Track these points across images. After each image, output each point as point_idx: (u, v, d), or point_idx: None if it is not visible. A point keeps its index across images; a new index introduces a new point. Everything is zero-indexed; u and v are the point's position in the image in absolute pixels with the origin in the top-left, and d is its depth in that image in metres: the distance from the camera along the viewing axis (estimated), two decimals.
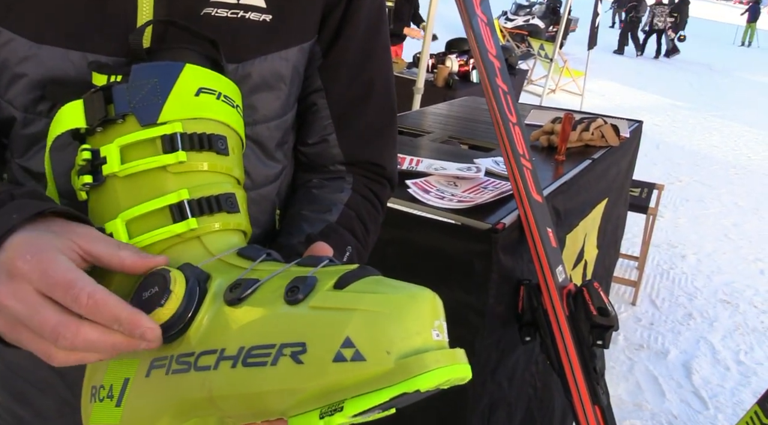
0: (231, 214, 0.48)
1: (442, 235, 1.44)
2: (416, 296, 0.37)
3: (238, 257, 0.45)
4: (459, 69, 4.97)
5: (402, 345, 0.35)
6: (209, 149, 0.48)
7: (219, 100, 0.50)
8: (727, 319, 3.26)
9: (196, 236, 0.47)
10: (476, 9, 1.40)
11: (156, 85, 0.48)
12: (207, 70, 0.51)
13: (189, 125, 0.48)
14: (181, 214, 0.46)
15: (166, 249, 0.47)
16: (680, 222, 4.60)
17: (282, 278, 0.41)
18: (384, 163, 0.71)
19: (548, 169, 1.88)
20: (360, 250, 0.65)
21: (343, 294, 0.38)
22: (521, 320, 1.52)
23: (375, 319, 0.36)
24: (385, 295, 0.37)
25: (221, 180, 0.49)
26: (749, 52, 20.17)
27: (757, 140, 7.81)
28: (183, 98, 0.48)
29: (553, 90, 8.41)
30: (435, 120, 2.53)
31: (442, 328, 0.38)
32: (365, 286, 0.38)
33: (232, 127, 0.51)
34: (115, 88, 0.48)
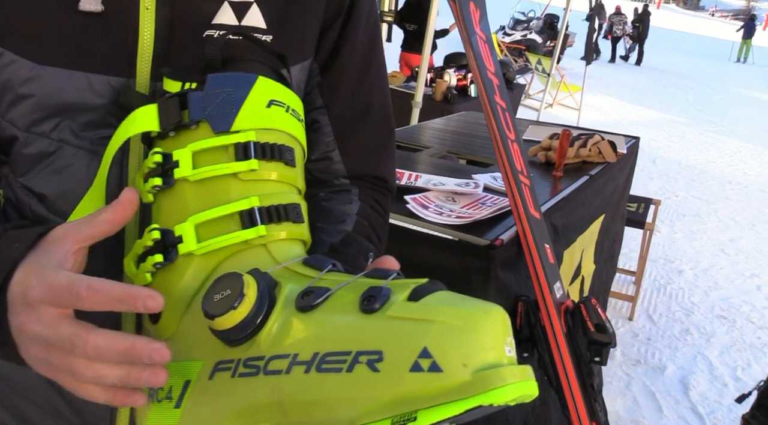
0: (296, 224, 0.49)
1: (440, 251, 1.44)
2: (490, 311, 0.38)
3: (303, 266, 0.46)
4: (457, 83, 5.00)
5: (478, 358, 0.36)
6: (279, 159, 0.49)
7: (287, 113, 0.51)
8: (724, 335, 3.26)
9: (262, 244, 0.48)
10: (475, 27, 1.41)
11: (230, 95, 0.49)
12: (277, 83, 0.52)
13: (261, 134, 0.50)
14: (251, 221, 0.47)
15: (232, 255, 0.47)
16: (677, 237, 4.61)
17: (353, 288, 0.41)
18: (385, 176, 0.73)
19: (546, 185, 1.89)
20: (378, 256, 0.67)
21: (419, 306, 0.38)
22: (519, 336, 1.52)
23: (452, 331, 0.36)
24: (460, 309, 0.37)
25: (288, 190, 0.51)
26: (744, 68, 20.35)
27: (753, 155, 7.86)
28: (256, 109, 0.50)
29: (550, 104, 8.46)
30: (433, 135, 2.54)
31: (512, 344, 0.38)
32: (439, 299, 0.39)
33: (298, 139, 0.52)
34: (191, 95, 0.50)
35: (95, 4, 0.53)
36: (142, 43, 0.55)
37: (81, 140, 0.56)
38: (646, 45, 16.25)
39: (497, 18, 11.82)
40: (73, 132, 0.55)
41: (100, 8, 0.53)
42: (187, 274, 0.47)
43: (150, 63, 0.55)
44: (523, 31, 11.69)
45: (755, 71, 19.27)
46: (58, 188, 0.57)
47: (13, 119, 0.55)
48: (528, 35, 11.57)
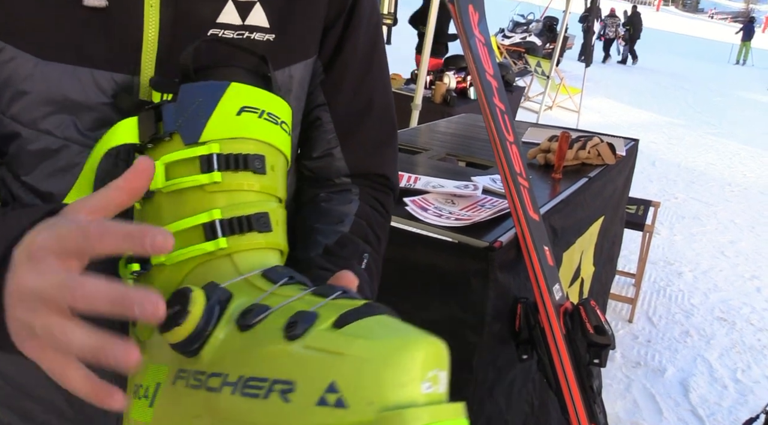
0: (262, 233, 0.49)
1: (440, 253, 1.44)
2: (410, 343, 0.36)
3: (262, 279, 0.46)
4: (456, 86, 5.01)
5: (386, 396, 0.35)
6: (245, 168, 0.50)
7: (261, 119, 0.51)
8: (724, 337, 3.26)
9: (227, 255, 0.48)
10: (474, 30, 1.42)
11: (201, 105, 0.50)
12: (252, 87, 0.52)
13: (227, 145, 0.50)
14: (212, 233, 0.48)
15: (199, 265, 0.48)
16: (676, 239, 4.61)
17: (285, 311, 0.41)
18: (388, 173, 0.73)
19: (545, 187, 1.89)
20: (375, 257, 0.67)
21: (336, 336, 0.37)
22: (518, 338, 1.52)
23: (363, 366, 0.35)
24: (378, 341, 0.36)
25: (257, 199, 0.50)
26: (744, 70, 20.38)
27: (752, 157, 7.87)
28: (225, 118, 0.50)
29: (549, 107, 8.47)
30: (432, 137, 2.55)
31: (436, 379, 0.36)
32: (362, 328, 0.37)
33: (273, 145, 0.52)
34: (165, 107, 0.50)
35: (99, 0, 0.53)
36: (146, 41, 0.55)
37: (86, 138, 0.56)
38: (647, 47, 16.36)
39: (496, 20, 11.83)
40: (78, 130, 0.55)
41: (104, 3, 0.53)
42: (157, 283, 0.48)
43: (154, 60, 0.56)
44: (523, 33, 11.70)
45: (754, 73, 19.29)
46: (64, 187, 0.57)
47: (16, 115, 0.55)
48: (527, 38, 11.58)
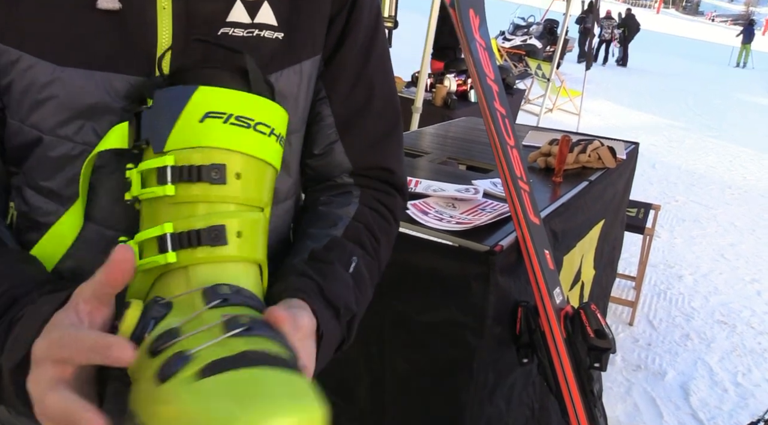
0: (215, 247, 0.48)
1: (440, 256, 1.45)
2: (240, 411, 0.34)
3: (200, 297, 0.45)
4: (457, 89, 5.01)
5: None
6: (199, 180, 0.49)
7: (226, 124, 0.50)
8: (725, 340, 3.26)
9: (183, 267, 0.48)
10: (475, 34, 1.42)
11: (168, 112, 0.49)
12: (222, 90, 0.51)
13: (185, 155, 0.49)
14: (163, 246, 0.48)
15: (161, 275, 0.49)
16: (677, 242, 4.61)
17: (190, 342, 0.40)
18: (392, 166, 0.71)
19: (546, 190, 1.89)
20: (370, 262, 0.65)
21: (185, 391, 0.36)
22: (519, 341, 1.52)
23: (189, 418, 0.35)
24: (216, 405, 0.35)
25: (216, 211, 0.49)
26: (744, 72, 20.39)
27: (752, 160, 7.86)
28: (188, 125, 0.49)
29: (550, 109, 8.48)
30: (433, 141, 2.55)
31: None
32: (220, 383, 0.36)
33: (240, 151, 0.50)
34: (143, 113, 0.51)
35: (113, 2, 0.54)
36: (161, 42, 0.56)
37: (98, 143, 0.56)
38: (647, 50, 16.41)
39: (497, 23, 11.84)
40: (97, 134, 0.56)
41: (117, 6, 0.54)
42: (132, 289, 0.50)
43: (169, 62, 0.56)
44: (523, 36, 11.71)
45: (755, 76, 19.30)
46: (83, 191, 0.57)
47: (36, 123, 0.56)
48: (528, 40, 11.58)
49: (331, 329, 0.56)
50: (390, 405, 1.62)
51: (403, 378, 1.58)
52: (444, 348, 1.48)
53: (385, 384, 1.61)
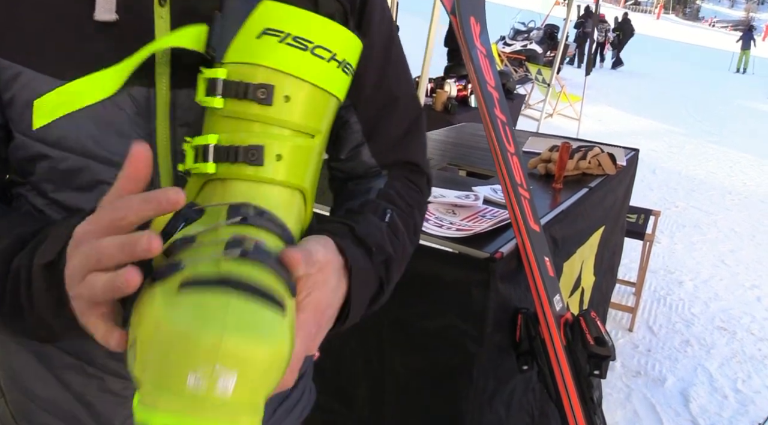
0: (251, 166, 0.49)
1: (441, 263, 1.45)
2: (192, 337, 0.36)
3: (225, 212, 0.46)
4: (457, 94, 5.02)
5: (152, 373, 0.36)
6: (245, 97, 0.49)
7: (282, 44, 0.49)
8: (725, 346, 3.26)
9: (221, 180, 0.49)
10: (476, 41, 1.42)
11: (232, 22, 0.50)
12: (285, 6, 0.50)
13: (237, 70, 0.49)
14: (205, 156, 0.49)
15: (207, 182, 0.50)
16: (677, 248, 4.61)
17: (192, 252, 0.41)
18: (417, 160, 0.73)
19: (546, 197, 1.90)
20: (404, 216, 0.66)
21: (161, 296, 0.38)
22: (519, 348, 1.52)
23: (152, 340, 0.37)
24: (179, 323, 0.36)
25: (257, 130, 0.49)
26: (744, 78, 20.42)
27: (752, 165, 7.87)
28: (246, 39, 0.49)
29: (550, 114, 8.48)
30: (433, 146, 2.55)
31: (210, 376, 0.35)
32: (190, 300, 0.37)
33: (290, 73, 0.49)
34: (215, 18, 0.50)
35: (109, 14, 0.54)
36: (159, 53, 0.56)
37: (108, 154, 0.57)
38: (648, 55, 16.49)
39: (498, 28, 11.87)
40: (99, 146, 0.56)
41: (114, 17, 0.54)
42: (186, 190, 0.51)
43: (168, 72, 0.56)
44: (524, 41, 11.74)
45: (755, 82, 19.33)
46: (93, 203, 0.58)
47: (42, 137, 0.56)
48: (528, 45, 11.61)
49: (363, 265, 0.55)
50: (389, 411, 1.62)
51: (403, 383, 1.58)
52: (444, 354, 1.48)
53: (385, 390, 1.61)
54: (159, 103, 0.57)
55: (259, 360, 0.37)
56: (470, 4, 1.41)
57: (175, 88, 0.57)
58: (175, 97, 0.57)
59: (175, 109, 0.57)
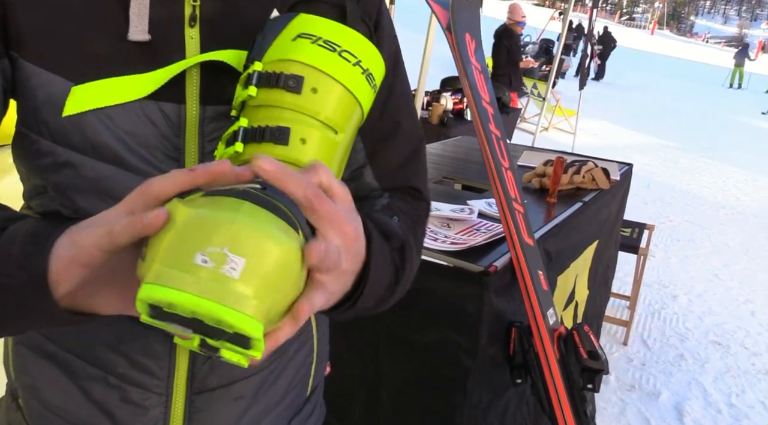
0: (277, 145, 0.52)
1: (435, 276, 1.46)
2: (206, 218, 0.38)
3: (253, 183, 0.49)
4: (453, 107, 5.05)
5: (160, 258, 0.38)
6: (277, 86, 0.53)
7: (314, 45, 0.54)
8: (719, 361, 3.27)
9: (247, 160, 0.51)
10: (471, 58, 1.45)
11: (271, 33, 0.56)
12: (318, 18, 0.56)
13: (272, 65, 0.54)
14: (234, 138, 0.53)
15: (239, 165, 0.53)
16: (671, 262, 4.63)
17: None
18: (418, 186, 0.74)
19: (540, 211, 1.91)
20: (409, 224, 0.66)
21: (184, 200, 0.41)
22: (512, 362, 1.53)
23: (167, 230, 0.39)
24: (195, 210, 0.39)
25: (288, 117, 0.53)
26: (737, 94, 20.61)
27: (746, 180, 7.92)
28: (282, 43, 0.55)
29: (546, 128, 8.54)
30: (429, 160, 2.56)
31: (219, 257, 0.37)
32: (210, 201, 0.40)
33: (319, 68, 0.54)
34: (257, 39, 0.57)
35: (143, 35, 0.57)
36: (189, 71, 0.58)
37: (137, 166, 0.58)
38: (642, 70, 16.66)
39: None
40: (129, 158, 0.58)
41: (147, 38, 0.57)
42: None
43: (198, 90, 0.59)
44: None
45: (748, 97, 19.51)
46: None
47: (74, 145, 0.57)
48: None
49: (380, 244, 0.55)
50: (385, 424, 1.62)
51: (398, 396, 1.58)
52: (438, 367, 1.48)
53: (380, 402, 1.61)
54: (188, 119, 0.59)
55: (266, 255, 0.38)
56: (466, 20, 1.43)
57: (205, 105, 0.59)
58: (204, 114, 0.59)
59: (204, 125, 0.59)
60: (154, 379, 0.63)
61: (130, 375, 0.64)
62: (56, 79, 0.56)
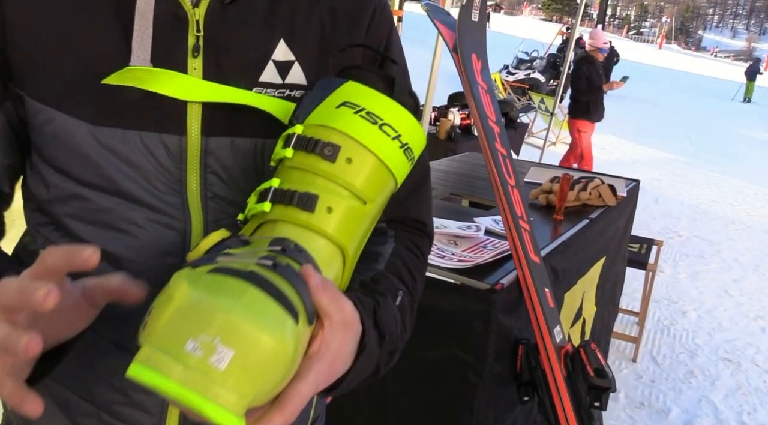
0: (303, 211, 0.52)
1: (442, 294, 1.46)
2: (203, 305, 0.39)
3: (268, 242, 0.50)
4: (461, 122, 5.08)
5: (157, 335, 0.39)
6: (313, 152, 0.53)
7: (356, 115, 0.54)
8: (729, 378, 3.23)
9: (273, 220, 0.53)
10: (477, 77, 1.47)
11: (318, 95, 0.56)
12: (365, 88, 0.56)
13: (311, 129, 0.54)
14: (264, 197, 0.53)
15: (262, 223, 0.54)
16: (680, 277, 4.60)
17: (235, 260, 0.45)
18: (423, 218, 0.74)
19: (547, 228, 1.92)
20: (409, 297, 0.67)
21: (188, 274, 0.42)
22: (519, 379, 1.53)
23: (167, 306, 0.40)
24: (196, 292, 0.40)
25: (318, 183, 0.53)
26: (746, 108, 20.53)
27: (756, 195, 7.87)
28: (326, 108, 0.55)
29: (553, 143, 8.55)
30: (436, 176, 2.59)
31: (209, 347, 0.37)
32: (214, 281, 0.41)
33: (357, 140, 0.54)
34: (305, 94, 0.58)
35: (144, 63, 0.56)
36: (191, 102, 0.58)
37: (139, 197, 0.59)
38: (650, 84, 16.61)
39: (501, 58, 12.02)
40: (129, 189, 0.58)
41: (149, 66, 0.56)
42: (244, 229, 0.55)
43: (200, 121, 0.58)
44: (527, 70, 11.87)
45: (757, 111, 19.43)
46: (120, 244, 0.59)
47: (78, 177, 0.58)
48: (531, 74, 11.74)
49: (373, 348, 0.56)
50: None
51: (404, 414, 1.58)
52: (445, 385, 1.48)
53: (386, 421, 1.61)
54: (190, 151, 0.59)
55: (256, 348, 0.38)
56: (472, 41, 1.46)
57: (207, 136, 0.59)
58: (207, 145, 0.59)
59: (206, 156, 0.59)
60: (148, 416, 0.63)
61: (124, 412, 0.64)
62: (60, 115, 0.57)
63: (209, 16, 0.58)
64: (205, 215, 0.60)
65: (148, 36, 0.56)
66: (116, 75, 0.56)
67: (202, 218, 0.60)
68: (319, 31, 0.63)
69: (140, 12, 0.56)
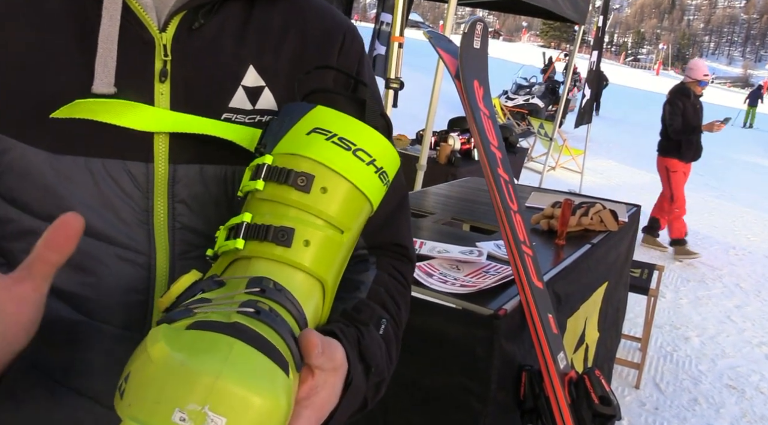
0: (279, 246, 0.50)
1: (444, 319, 1.45)
2: (188, 369, 0.36)
3: (245, 283, 0.47)
4: (461, 147, 5.10)
5: (138, 406, 0.36)
6: (286, 183, 0.51)
7: (328, 141, 0.52)
8: (734, 405, 3.20)
9: (247, 257, 0.51)
10: (479, 104, 1.48)
11: (286, 121, 0.54)
12: (335, 112, 0.54)
13: (283, 159, 0.52)
14: (236, 233, 0.51)
15: (235, 260, 0.52)
16: (682, 303, 4.58)
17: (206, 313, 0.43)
18: (404, 242, 0.72)
19: (549, 253, 1.91)
20: (394, 325, 0.65)
21: (166, 333, 0.39)
22: (523, 406, 1.51)
23: (146, 369, 0.37)
24: (178, 354, 0.37)
25: (291, 215, 0.51)
26: (745, 133, 20.66)
27: (756, 221, 7.88)
28: (296, 135, 0.53)
29: (553, 167, 8.58)
30: (437, 201, 2.59)
31: (198, 415, 0.34)
32: (194, 338, 0.38)
33: (330, 167, 0.52)
34: (272, 120, 0.56)
35: (107, 87, 0.54)
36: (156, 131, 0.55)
37: (103, 230, 0.55)
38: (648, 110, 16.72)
39: (500, 83, 12.14)
40: (92, 222, 0.55)
41: (112, 91, 0.54)
42: (214, 267, 0.53)
43: (167, 147, 0.56)
44: (526, 95, 11.99)
45: (756, 137, 19.55)
46: (84, 280, 0.56)
47: (36, 211, 0.55)
48: (530, 100, 11.85)
49: (360, 383, 0.55)
50: None
51: None
52: (448, 411, 1.47)
53: None
54: (157, 179, 0.56)
55: (251, 411, 0.36)
56: (474, 68, 1.47)
57: (175, 163, 0.56)
58: (174, 172, 0.56)
59: (174, 184, 0.57)
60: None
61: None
62: (18, 145, 0.54)
63: (177, 41, 0.57)
64: (172, 248, 0.58)
65: (112, 59, 0.54)
66: (66, 108, 0.53)
67: (168, 252, 0.58)
68: (289, 55, 0.62)
69: (104, 35, 0.54)
